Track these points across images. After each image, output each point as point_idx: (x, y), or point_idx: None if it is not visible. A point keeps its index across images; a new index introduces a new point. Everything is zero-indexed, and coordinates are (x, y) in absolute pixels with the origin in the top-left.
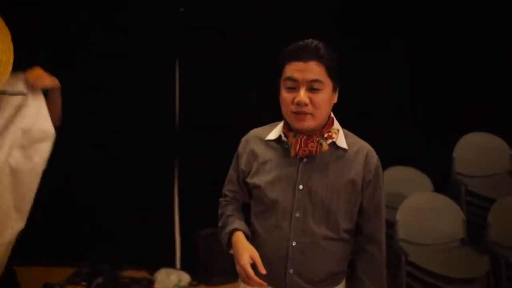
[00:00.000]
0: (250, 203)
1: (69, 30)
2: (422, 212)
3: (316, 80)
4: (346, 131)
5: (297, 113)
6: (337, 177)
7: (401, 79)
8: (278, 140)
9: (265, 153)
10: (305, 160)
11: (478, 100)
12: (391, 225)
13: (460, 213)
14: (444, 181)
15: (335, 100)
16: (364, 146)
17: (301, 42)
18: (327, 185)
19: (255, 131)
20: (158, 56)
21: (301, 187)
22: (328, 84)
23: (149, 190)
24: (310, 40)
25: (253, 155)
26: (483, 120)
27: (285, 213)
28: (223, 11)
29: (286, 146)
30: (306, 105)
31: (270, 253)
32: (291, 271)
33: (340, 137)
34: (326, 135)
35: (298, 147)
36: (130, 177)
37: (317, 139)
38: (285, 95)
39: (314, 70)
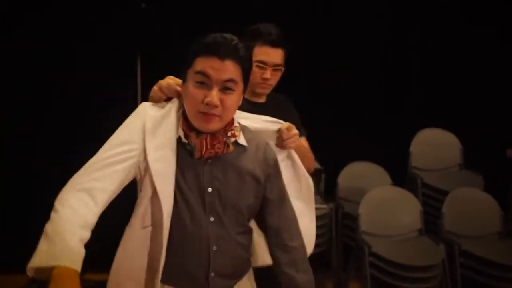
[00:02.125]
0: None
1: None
2: (383, 205)
3: (231, 80)
4: (242, 125)
5: (204, 113)
6: (241, 175)
7: (360, 75)
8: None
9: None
10: (209, 161)
11: (432, 97)
12: (353, 218)
13: (418, 205)
14: (401, 175)
15: (240, 103)
16: (261, 141)
17: (218, 36)
18: (233, 184)
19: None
20: (119, 51)
21: (210, 190)
22: (240, 86)
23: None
24: (229, 36)
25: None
26: (438, 116)
27: (200, 219)
28: (183, 5)
29: (188, 147)
30: (216, 107)
31: (189, 261)
32: (212, 274)
33: (241, 135)
34: (229, 134)
35: (204, 149)
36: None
37: (223, 139)
38: (194, 91)
39: (230, 69)
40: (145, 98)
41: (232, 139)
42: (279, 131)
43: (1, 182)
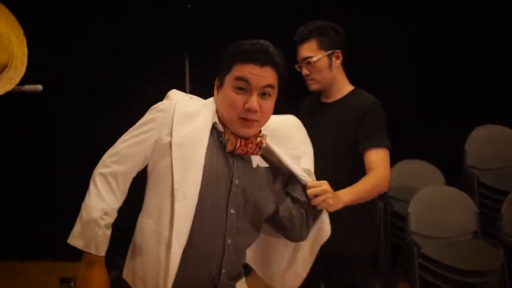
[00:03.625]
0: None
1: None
2: (434, 205)
3: (269, 86)
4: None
5: (244, 119)
6: (265, 176)
7: (413, 71)
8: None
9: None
10: (239, 156)
11: (490, 92)
12: (402, 218)
13: (473, 206)
14: (456, 174)
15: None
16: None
17: (256, 43)
18: (258, 182)
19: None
20: (167, 53)
21: (237, 182)
22: (276, 91)
23: None
24: (265, 43)
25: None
26: (495, 112)
27: (221, 209)
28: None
29: (221, 139)
30: (256, 112)
31: (204, 252)
32: (223, 271)
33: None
34: (258, 139)
35: (237, 145)
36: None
37: (256, 142)
38: (233, 96)
39: (269, 75)
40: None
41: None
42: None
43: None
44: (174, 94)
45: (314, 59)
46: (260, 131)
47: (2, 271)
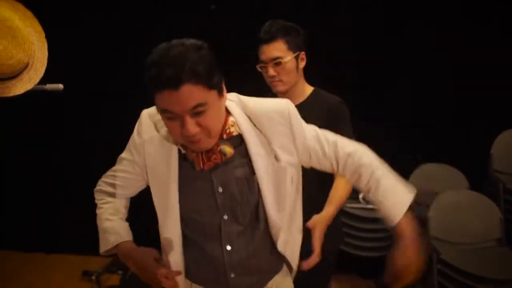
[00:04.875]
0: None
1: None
2: (456, 210)
3: (198, 105)
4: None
5: (189, 141)
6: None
7: (437, 74)
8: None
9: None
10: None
11: None
12: (422, 222)
13: (497, 212)
14: (481, 179)
15: (226, 97)
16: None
17: (162, 62)
18: (245, 180)
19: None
20: None
21: (220, 190)
22: (213, 97)
23: None
24: (172, 56)
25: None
26: None
27: (212, 220)
28: (252, 8)
29: (189, 160)
30: (195, 134)
31: (205, 261)
32: (232, 275)
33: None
34: (225, 136)
35: (201, 163)
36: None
37: (218, 148)
38: (169, 126)
39: (190, 95)
40: None
41: (229, 137)
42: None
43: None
44: (143, 120)
45: (286, 60)
46: (224, 127)
47: (29, 263)
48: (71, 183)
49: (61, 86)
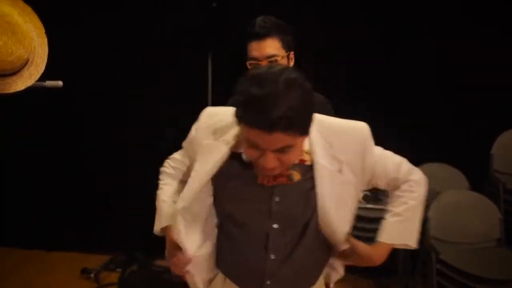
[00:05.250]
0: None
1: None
2: (456, 210)
3: (285, 147)
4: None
5: (263, 173)
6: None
7: (438, 73)
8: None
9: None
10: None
11: None
12: (422, 222)
13: (497, 213)
14: (481, 179)
15: (303, 147)
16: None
17: (260, 101)
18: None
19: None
20: (190, 51)
21: (277, 199)
22: (300, 139)
23: None
24: (272, 99)
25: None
26: None
27: (262, 223)
28: (254, 5)
29: (253, 171)
30: (273, 169)
31: (245, 262)
32: (268, 282)
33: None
34: (296, 161)
35: (266, 180)
36: None
37: (287, 173)
38: (248, 151)
39: (282, 139)
40: (215, 97)
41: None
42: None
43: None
44: (202, 118)
45: (279, 58)
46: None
47: (29, 260)
48: (72, 181)
49: (60, 83)
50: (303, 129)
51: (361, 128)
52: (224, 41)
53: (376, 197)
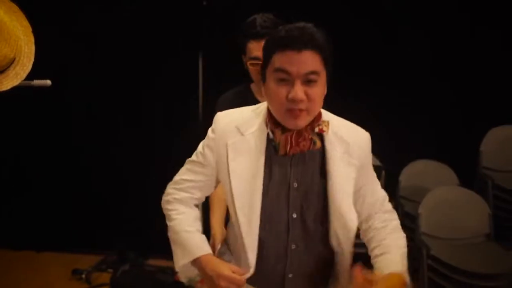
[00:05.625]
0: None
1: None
2: (446, 206)
3: (312, 72)
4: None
5: (291, 110)
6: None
7: (427, 70)
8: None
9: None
10: (297, 156)
11: (507, 93)
12: (413, 218)
13: (486, 208)
14: (470, 175)
15: (325, 91)
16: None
17: (292, 27)
18: (320, 181)
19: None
20: (181, 50)
21: (295, 185)
22: (323, 76)
23: None
24: (302, 25)
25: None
26: (511, 112)
27: (281, 215)
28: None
29: (273, 144)
30: (301, 101)
31: (267, 258)
32: (290, 275)
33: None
34: (317, 129)
35: (288, 146)
36: (157, 169)
37: (309, 136)
38: (276, 89)
39: (310, 60)
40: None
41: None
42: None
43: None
44: (220, 120)
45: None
46: (318, 120)
47: (19, 261)
48: (62, 181)
49: (48, 82)
50: (327, 60)
51: (366, 136)
52: (215, 40)
53: None
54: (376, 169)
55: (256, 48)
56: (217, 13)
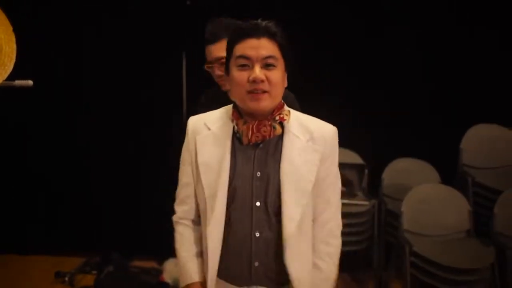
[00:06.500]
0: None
1: (74, 22)
2: (428, 203)
3: (270, 56)
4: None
5: (252, 91)
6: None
7: (409, 70)
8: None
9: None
10: (260, 146)
11: (486, 91)
12: (396, 216)
13: (466, 205)
14: (451, 172)
15: (285, 84)
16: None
17: (251, 21)
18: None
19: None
20: (165, 50)
21: (258, 174)
22: (281, 62)
23: (158, 181)
24: (260, 20)
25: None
26: (491, 111)
27: (245, 204)
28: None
29: (238, 135)
30: (262, 81)
31: (233, 247)
32: (256, 264)
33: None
34: (277, 118)
35: (250, 133)
36: (140, 169)
37: (269, 122)
38: (238, 74)
39: (267, 46)
40: (190, 96)
41: (279, 123)
42: None
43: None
44: (190, 122)
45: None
46: (279, 110)
47: (2, 265)
48: (43, 183)
49: (30, 82)
50: (284, 49)
51: (330, 129)
52: (199, 40)
53: (351, 192)
54: (359, 167)
55: (209, 52)
56: (201, 13)
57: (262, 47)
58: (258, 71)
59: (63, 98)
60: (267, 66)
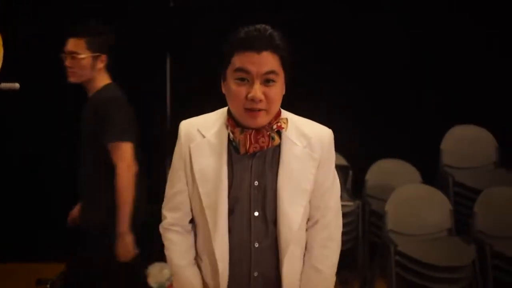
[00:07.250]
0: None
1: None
2: (411, 203)
3: (271, 72)
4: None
5: (250, 110)
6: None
7: (390, 71)
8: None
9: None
10: (257, 155)
11: (467, 92)
12: (380, 216)
13: (448, 204)
14: (432, 173)
15: (283, 92)
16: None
17: (252, 29)
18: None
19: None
20: (149, 51)
21: (256, 183)
22: (281, 75)
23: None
24: (262, 27)
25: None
26: (471, 112)
27: (244, 214)
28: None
29: (234, 144)
30: (260, 101)
31: (232, 258)
32: (255, 274)
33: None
34: (275, 127)
35: (248, 144)
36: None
37: (268, 132)
38: (236, 88)
39: (269, 61)
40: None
41: (277, 131)
42: None
43: None
44: (182, 127)
45: (80, 56)
46: (276, 118)
47: None
48: (20, 187)
49: (17, 85)
50: (286, 61)
51: (325, 132)
52: (182, 41)
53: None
54: (343, 168)
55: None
56: (185, 14)
57: (264, 62)
58: (257, 89)
59: (50, 101)
60: (267, 81)
